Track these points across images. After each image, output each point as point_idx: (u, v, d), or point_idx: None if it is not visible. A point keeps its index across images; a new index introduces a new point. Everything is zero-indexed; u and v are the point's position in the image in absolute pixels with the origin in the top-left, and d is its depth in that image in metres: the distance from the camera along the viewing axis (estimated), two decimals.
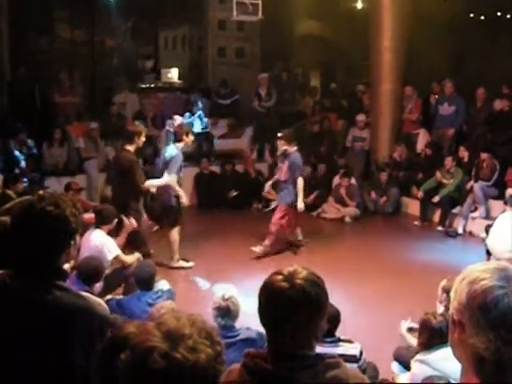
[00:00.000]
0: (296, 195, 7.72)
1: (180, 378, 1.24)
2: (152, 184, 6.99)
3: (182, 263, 7.42)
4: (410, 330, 4.42)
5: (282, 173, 7.92)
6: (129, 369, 1.27)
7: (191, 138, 7.40)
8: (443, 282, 4.19)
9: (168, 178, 7.02)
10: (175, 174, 7.07)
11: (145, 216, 7.21)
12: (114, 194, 6.96)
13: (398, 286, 6.73)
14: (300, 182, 7.74)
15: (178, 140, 7.31)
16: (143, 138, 6.77)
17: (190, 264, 7.46)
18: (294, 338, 1.75)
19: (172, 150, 7.17)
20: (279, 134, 8.07)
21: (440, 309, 4.38)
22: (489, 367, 1.38)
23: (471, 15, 15.39)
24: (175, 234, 7.30)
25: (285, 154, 7.88)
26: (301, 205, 7.72)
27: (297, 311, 1.74)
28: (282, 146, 7.88)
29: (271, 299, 1.78)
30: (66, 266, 4.28)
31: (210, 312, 3.79)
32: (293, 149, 7.86)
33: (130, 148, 6.63)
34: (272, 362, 1.75)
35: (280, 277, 1.79)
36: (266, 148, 12.08)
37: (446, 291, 4.02)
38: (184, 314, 1.38)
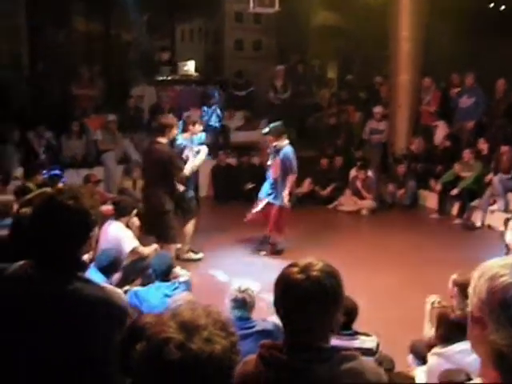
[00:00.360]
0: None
1: (195, 368, 1.25)
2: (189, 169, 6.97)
3: (190, 255, 7.43)
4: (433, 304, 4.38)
5: (273, 170, 7.52)
6: (145, 359, 1.28)
7: (199, 127, 7.38)
8: (454, 276, 4.18)
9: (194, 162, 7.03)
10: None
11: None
12: (146, 188, 6.90)
13: (414, 279, 6.70)
14: (291, 179, 7.43)
15: (184, 130, 7.34)
16: (175, 131, 6.77)
17: (199, 256, 7.46)
18: (309, 330, 1.76)
19: (178, 141, 7.21)
20: (264, 130, 7.65)
21: (431, 298, 4.39)
22: (509, 363, 1.36)
23: (491, 5, 15.19)
24: (190, 226, 7.32)
25: (276, 150, 7.43)
26: (286, 202, 7.41)
27: (312, 303, 1.74)
28: (271, 143, 7.46)
29: (287, 291, 1.79)
30: (85, 257, 4.35)
31: (227, 303, 3.81)
32: (283, 143, 7.42)
33: (163, 140, 6.63)
34: (288, 353, 1.76)
35: (296, 269, 1.80)
36: None
37: (457, 284, 4.03)
38: (199, 305, 1.40)
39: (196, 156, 7.13)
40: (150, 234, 6.61)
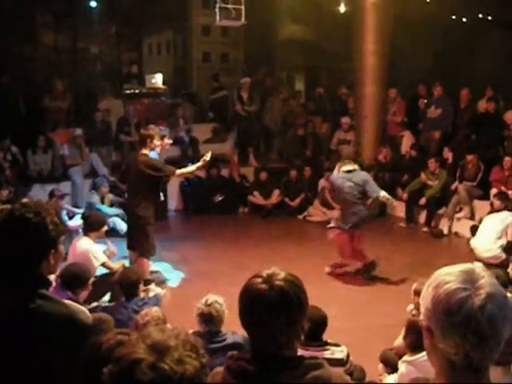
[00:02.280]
0: None
1: None
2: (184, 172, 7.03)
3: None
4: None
5: None
6: (114, 381, 1.26)
7: (168, 141, 7.34)
8: (414, 285, 4.26)
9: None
10: None
11: None
12: (130, 200, 6.82)
13: (383, 288, 6.75)
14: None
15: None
16: (157, 142, 6.75)
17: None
18: (275, 340, 1.75)
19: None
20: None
21: (410, 307, 4.46)
22: (460, 372, 1.37)
23: (453, 17, 15.55)
24: None
25: None
26: None
27: (277, 312, 1.74)
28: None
29: (251, 302, 1.78)
30: (52, 277, 4.27)
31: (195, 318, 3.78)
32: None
33: (145, 151, 6.63)
34: (255, 363, 1.75)
35: (259, 279, 1.80)
36: (250, 152, 12.09)
37: (417, 293, 4.11)
38: (167, 327, 1.40)
39: None
40: (131, 247, 6.58)
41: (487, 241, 7.25)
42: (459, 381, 1.38)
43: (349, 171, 6.96)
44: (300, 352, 1.88)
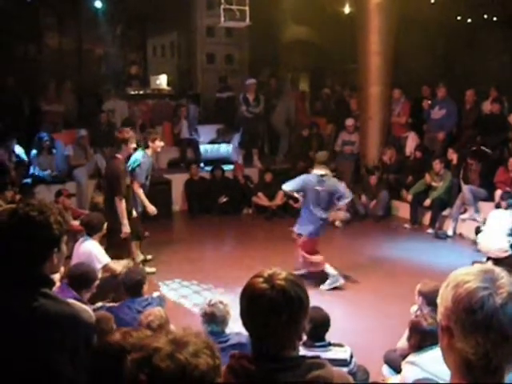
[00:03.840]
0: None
1: (181, 379, 1.37)
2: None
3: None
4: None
5: None
6: (136, 365, 1.40)
7: (159, 143, 7.32)
8: (418, 286, 4.26)
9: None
10: (143, 180, 7.03)
11: None
12: (105, 203, 6.87)
13: (388, 289, 6.74)
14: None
15: (146, 147, 7.28)
16: (132, 145, 6.70)
17: (153, 270, 7.26)
18: (276, 339, 1.76)
19: (136, 157, 7.12)
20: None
21: (413, 308, 4.45)
22: (478, 372, 1.37)
23: (458, 18, 15.52)
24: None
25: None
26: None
27: (278, 312, 1.74)
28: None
29: (252, 302, 1.79)
30: (57, 277, 4.28)
31: (199, 318, 3.78)
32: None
33: (120, 156, 6.58)
34: (255, 363, 1.75)
35: (260, 279, 1.81)
36: (254, 154, 12.10)
37: (421, 294, 4.11)
38: (191, 328, 1.55)
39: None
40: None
41: (495, 234, 7.23)
42: (477, 381, 1.37)
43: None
44: (303, 352, 1.88)
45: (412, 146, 10.96)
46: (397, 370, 3.99)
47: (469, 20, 15.79)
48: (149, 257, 7.70)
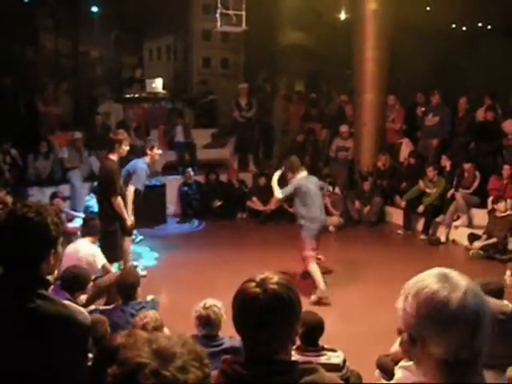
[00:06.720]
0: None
1: None
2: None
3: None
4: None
5: None
6: (117, 382, 1.27)
7: (157, 151, 7.31)
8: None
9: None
10: (140, 187, 7.03)
11: None
12: (99, 205, 6.84)
13: (381, 295, 6.74)
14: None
15: (144, 154, 7.29)
16: (126, 147, 6.68)
17: (144, 273, 7.23)
18: (269, 343, 1.76)
19: (136, 163, 7.12)
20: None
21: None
22: (453, 369, 1.39)
23: (453, 26, 15.62)
24: (128, 243, 7.00)
25: None
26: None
27: (271, 316, 1.75)
28: (291, 179, 7.10)
29: (245, 306, 1.79)
30: (50, 278, 4.27)
31: (193, 321, 3.79)
32: (299, 176, 7.04)
33: (113, 157, 6.57)
34: (248, 367, 1.76)
35: (252, 283, 1.81)
36: (249, 158, 12.11)
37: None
38: (175, 333, 1.40)
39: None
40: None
41: None
42: (454, 379, 1.39)
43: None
44: (296, 357, 1.89)
45: (406, 153, 11.01)
46: (390, 375, 4.00)
47: (464, 28, 15.90)
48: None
